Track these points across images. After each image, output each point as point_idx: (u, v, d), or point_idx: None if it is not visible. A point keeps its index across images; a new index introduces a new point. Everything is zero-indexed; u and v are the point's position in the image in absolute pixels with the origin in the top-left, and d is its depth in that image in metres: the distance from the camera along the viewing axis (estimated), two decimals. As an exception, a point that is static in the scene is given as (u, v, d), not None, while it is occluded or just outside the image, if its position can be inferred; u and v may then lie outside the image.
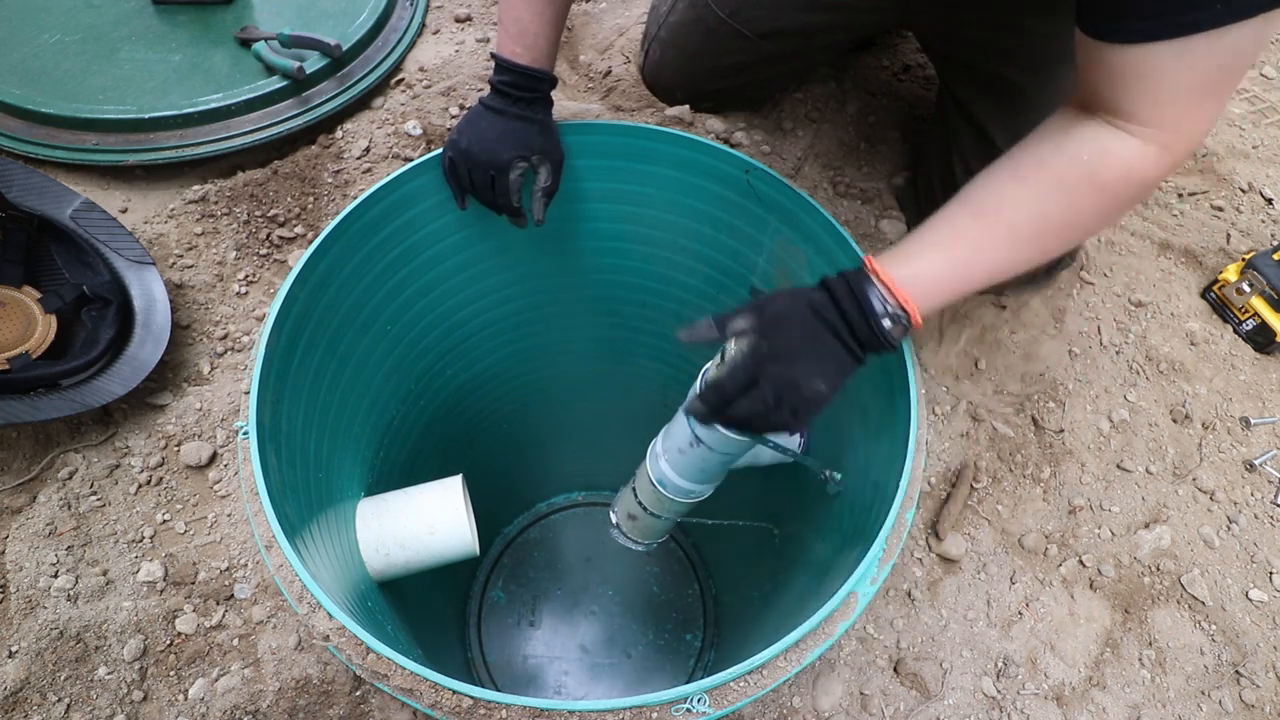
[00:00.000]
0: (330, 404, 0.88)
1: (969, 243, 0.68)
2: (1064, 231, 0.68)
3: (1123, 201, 0.67)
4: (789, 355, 0.66)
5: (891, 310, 0.67)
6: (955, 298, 0.69)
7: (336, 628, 0.60)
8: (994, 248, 0.68)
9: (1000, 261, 0.68)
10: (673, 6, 1.24)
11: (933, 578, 0.97)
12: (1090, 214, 0.67)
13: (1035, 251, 0.69)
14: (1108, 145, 0.65)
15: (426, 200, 0.92)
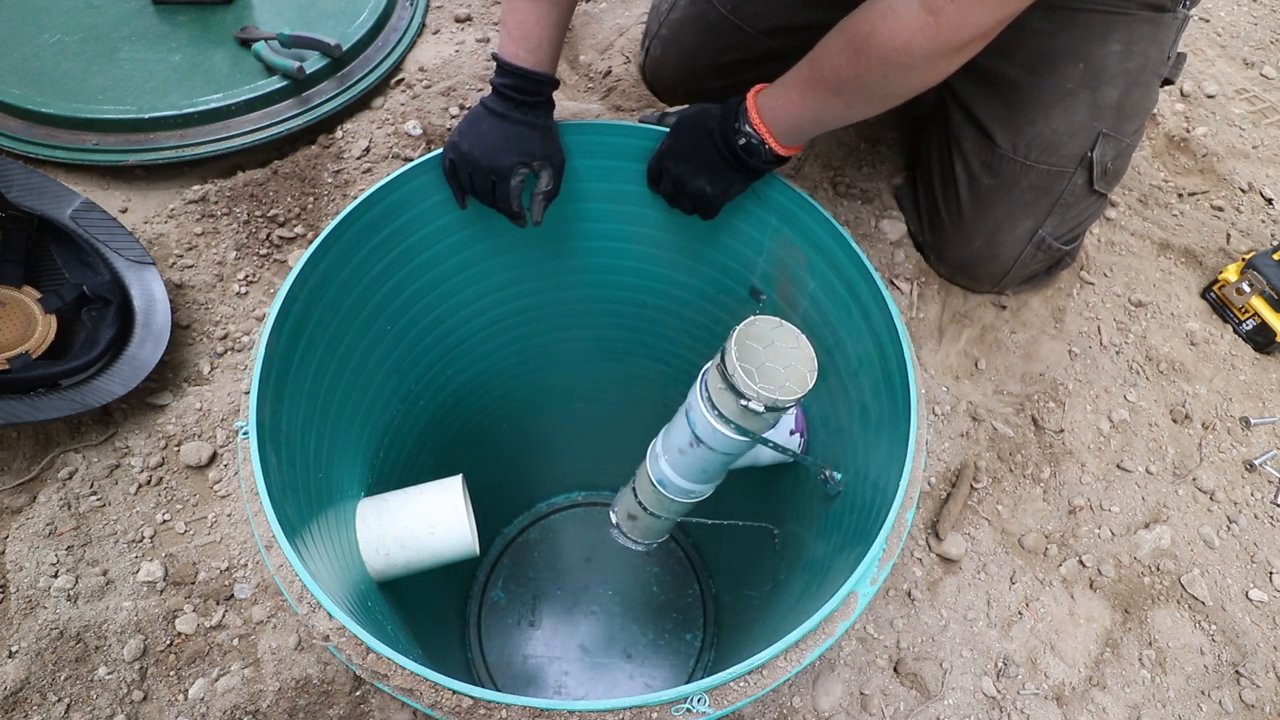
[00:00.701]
0: (330, 404, 0.88)
1: (801, 86, 0.79)
2: (857, 90, 0.74)
3: (896, 66, 0.70)
4: (679, 155, 0.85)
5: (748, 130, 0.81)
6: (801, 132, 0.81)
7: (336, 628, 0.60)
8: (812, 94, 0.77)
9: (819, 107, 0.78)
10: (674, 3, 1.24)
11: (933, 578, 0.97)
12: (869, 74, 0.72)
13: (842, 104, 0.76)
14: (893, 7, 0.68)
15: (426, 200, 0.92)
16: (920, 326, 1.16)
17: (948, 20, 0.66)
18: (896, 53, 0.69)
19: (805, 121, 0.80)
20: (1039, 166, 1.02)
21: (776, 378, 0.73)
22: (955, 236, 1.13)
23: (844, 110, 0.78)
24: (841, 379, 0.91)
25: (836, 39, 0.76)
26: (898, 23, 0.68)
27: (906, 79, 0.72)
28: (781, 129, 0.80)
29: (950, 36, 0.67)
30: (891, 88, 0.74)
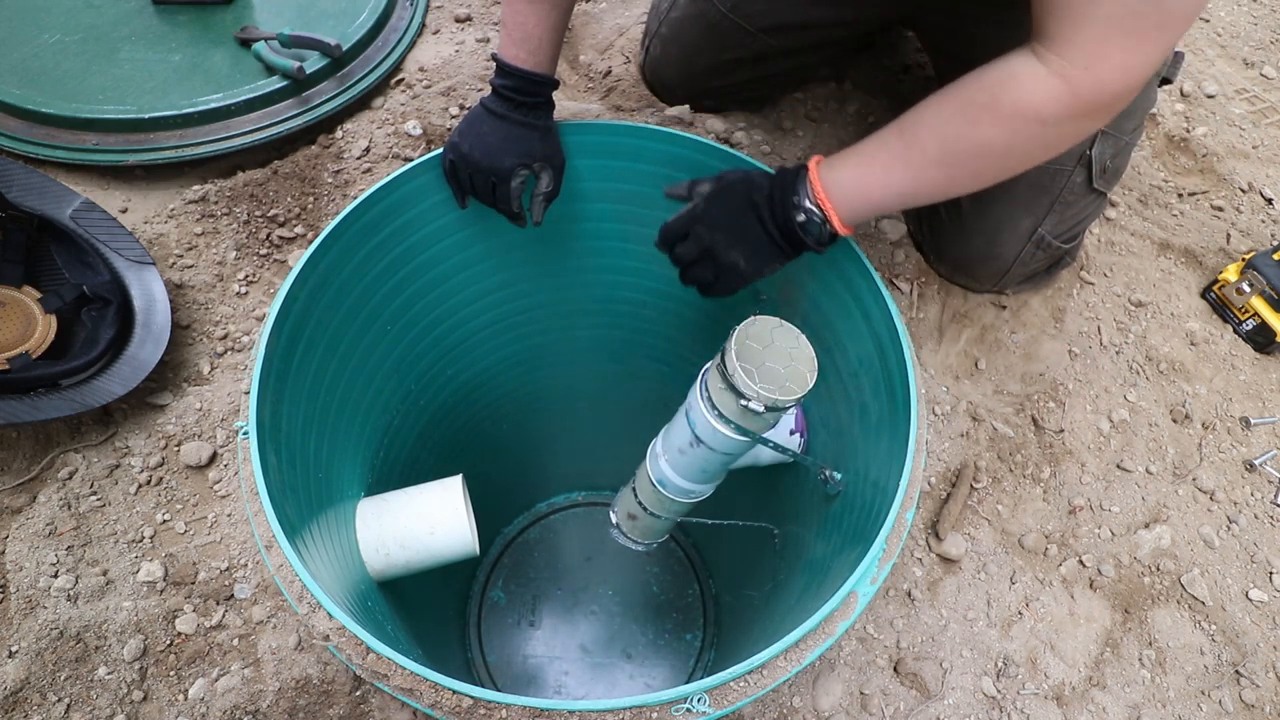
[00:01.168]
0: (330, 404, 0.88)
1: (886, 159, 0.71)
2: (970, 159, 0.67)
3: (1020, 134, 0.64)
4: (716, 223, 0.77)
5: (808, 206, 0.73)
6: (874, 208, 0.73)
7: (336, 628, 0.60)
8: (905, 166, 0.70)
9: (912, 181, 0.70)
10: (674, 2, 1.24)
11: (933, 578, 0.97)
12: (991, 143, 0.65)
13: (944, 176, 0.69)
14: (1017, 70, 0.63)
15: (426, 200, 0.92)
16: (920, 326, 1.16)
17: (1083, 85, 0.60)
18: (1027, 119, 0.63)
19: (890, 197, 0.72)
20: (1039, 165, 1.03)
21: (776, 378, 0.73)
22: (955, 235, 1.13)
23: (944, 184, 0.70)
24: (841, 379, 0.91)
25: (943, 107, 0.68)
26: (1025, 89, 0.63)
27: (1044, 142, 0.65)
28: (853, 206, 0.72)
29: (1089, 100, 0.61)
30: (1018, 155, 0.67)
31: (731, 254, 0.76)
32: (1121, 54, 0.59)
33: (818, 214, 0.73)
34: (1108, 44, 0.58)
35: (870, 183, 0.72)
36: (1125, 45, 0.58)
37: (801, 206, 0.73)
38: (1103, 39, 0.58)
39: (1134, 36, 0.58)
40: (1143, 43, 0.58)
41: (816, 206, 0.73)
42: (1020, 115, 0.63)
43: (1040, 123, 0.63)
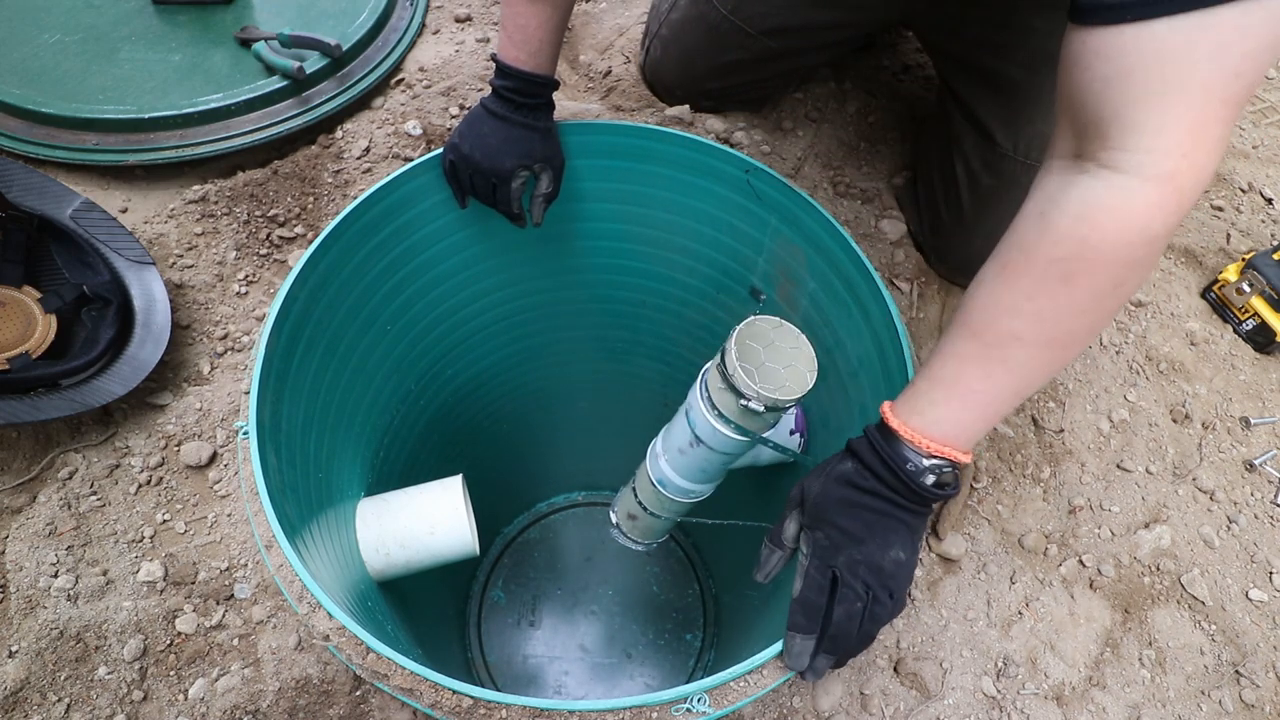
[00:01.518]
0: (330, 404, 0.88)
1: (976, 372, 0.58)
2: (1077, 322, 0.54)
3: (1133, 266, 0.52)
4: (854, 536, 0.60)
5: (927, 465, 0.60)
6: (989, 423, 0.60)
7: (336, 628, 0.60)
8: (1005, 368, 0.57)
9: (1020, 380, 0.57)
10: (674, 3, 1.24)
11: (933, 577, 0.97)
12: (1099, 292, 0.53)
13: (1054, 356, 0.56)
14: (1097, 200, 0.51)
15: (426, 200, 0.92)
16: (920, 326, 1.16)
17: (1186, 178, 0.48)
18: (1134, 245, 0.50)
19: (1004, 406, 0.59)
20: (1039, 166, 1.03)
21: (776, 378, 0.73)
22: (956, 236, 1.13)
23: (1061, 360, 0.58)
24: (841, 379, 0.91)
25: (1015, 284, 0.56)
26: (1118, 215, 0.50)
27: (1143, 273, 0.53)
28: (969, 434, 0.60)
29: (1193, 193, 0.49)
30: (1129, 287, 0.53)
31: (893, 553, 0.61)
32: (1220, 123, 0.47)
33: (945, 465, 0.60)
34: (1207, 119, 0.46)
35: (974, 402, 0.59)
36: (1222, 113, 0.47)
37: (921, 469, 0.60)
38: (1199, 114, 0.46)
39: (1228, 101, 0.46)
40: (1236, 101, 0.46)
41: (936, 458, 0.60)
42: (1126, 246, 0.50)
43: (1150, 243, 0.50)
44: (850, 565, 0.60)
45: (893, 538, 0.61)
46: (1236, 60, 0.44)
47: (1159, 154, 0.48)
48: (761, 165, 0.90)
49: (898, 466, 0.60)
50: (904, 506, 0.61)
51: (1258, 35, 0.43)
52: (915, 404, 0.61)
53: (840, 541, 0.61)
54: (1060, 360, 0.57)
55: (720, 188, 0.95)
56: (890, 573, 0.60)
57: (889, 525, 0.61)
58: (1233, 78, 0.45)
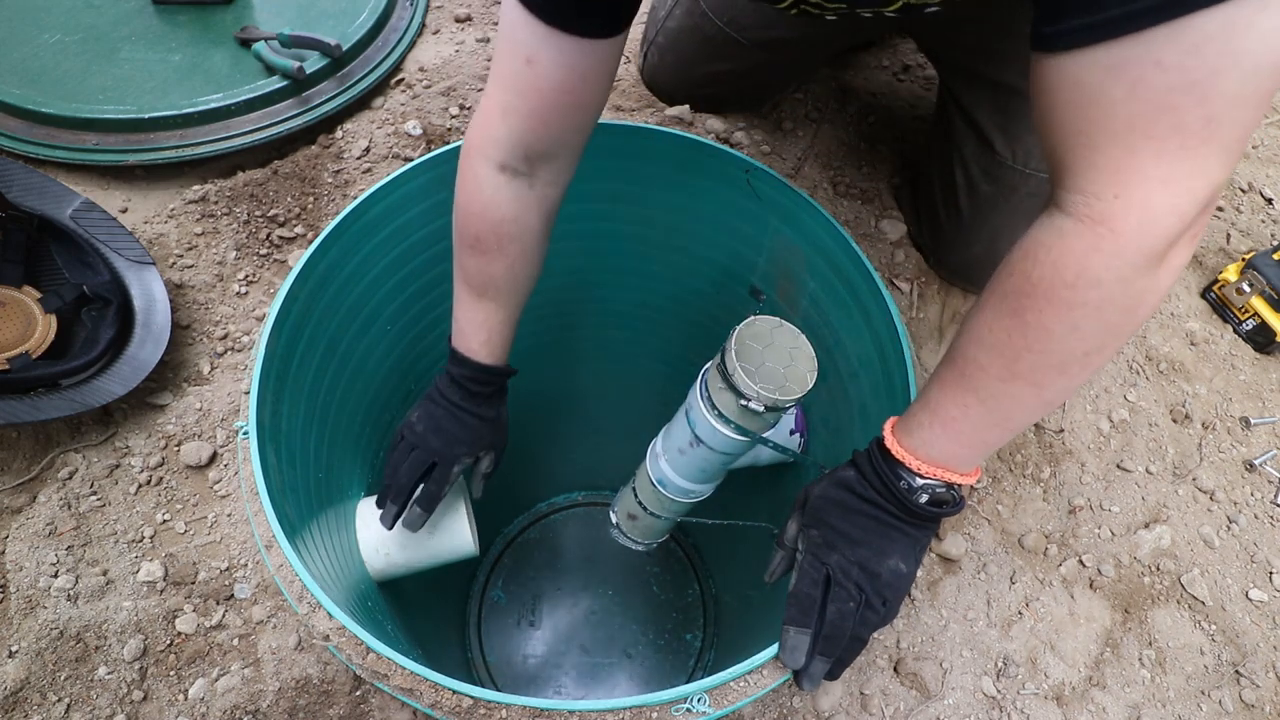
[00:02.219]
0: (330, 404, 0.88)
1: (954, 396, 0.58)
2: (1040, 359, 0.53)
3: (1079, 309, 0.49)
4: (851, 537, 0.61)
5: (920, 484, 0.60)
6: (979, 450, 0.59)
7: (336, 628, 0.60)
8: (976, 398, 0.57)
9: (997, 410, 0.56)
10: (670, 12, 1.24)
11: (933, 577, 0.97)
12: (1051, 330, 0.51)
13: (1028, 390, 0.55)
14: (1038, 236, 0.50)
15: (426, 200, 0.92)
16: (920, 326, 1.16)
17: (1122, 220, 0.46)
18: (1073, 286, 0.48)
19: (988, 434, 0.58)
20: (1038, 175, 1.02)
21: (776, 378, 0.73)
22: (954, 242, 1.13)
23: (1034, 397, 0.55)
24: (841, 379, 0.91)
25: (980, 314, 0.56)
26: (1053, 252, 0.49)
27: (1120, 306, 0.49)
28: (959, 459, 0.60)
29: (1140, 236, 0.46)
30: (1095, 333, 0.51)
31: (890, 562, 0.61)
32: (1163, 166, 0.44)
33: (939, 485, 0.60)
34: (1137, 157, 0.44)
35: (954, 430, 0.58)
36: (1164, 154, 0.43)
37: (915, 488, 0.60)
38: (1129, 152, 0.44)
39: (1173, 140, 0.43)
40: (1188, 146, 0.43)
41: (929, 479, 0.60)
42: (1063, 285, 0.49)
43: (1093, 285, 0.48)
44: (843, 565, 0.61)
45: (891, 547, 0.61)
46: (1161, 95, 0.41)
47: (1090, 195, 0.47)
48: (761, 165, 0.90)
49: (892, 483, 0.61)
50: (903, 519, 0.61)
51: (1185, 67, 0.40)
52: (909, 424, 0.61)
53: (834, 541, 0.62)
54: (1032, 396, 0.55)
55: (720, 188, 0.95)
56: (887, 581, 0.61)
57: (887, 534, 0.61)
58: (1164, 112, 0.42)
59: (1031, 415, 0.57)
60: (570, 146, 0.74)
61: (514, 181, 0.74)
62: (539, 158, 0.73)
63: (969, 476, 0.60)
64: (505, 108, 0.69)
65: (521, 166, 0.73)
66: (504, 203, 0.74)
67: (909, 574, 0.62)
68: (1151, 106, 0.42)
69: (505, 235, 0.76)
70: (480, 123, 0.72)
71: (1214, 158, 0.44)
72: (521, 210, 0.75)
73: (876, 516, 0.62)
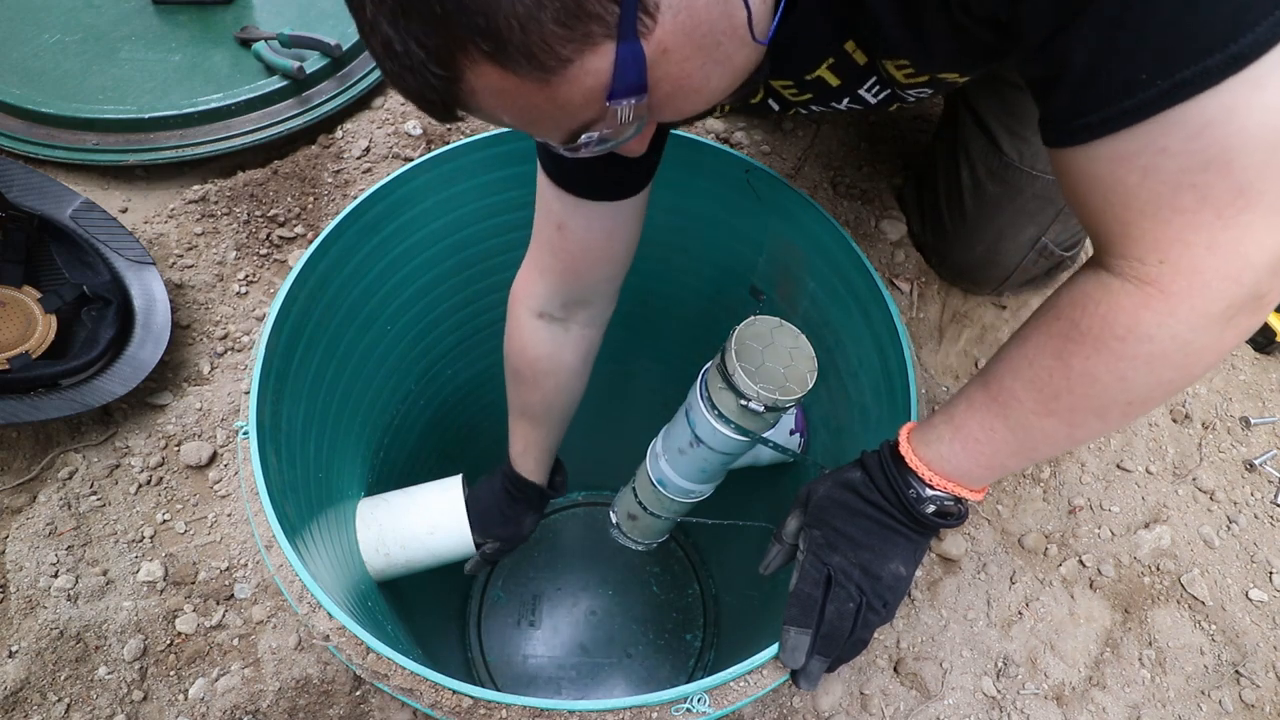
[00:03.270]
0: (330, 404, 0.88)
1: (982, 420, 0.59)
2: (1080, 399, 0.53)
3: (1126, 359, 0.50)
4: (853, 539, 0.62)
5: (929, 495, 0.61)
6: (994, 472, 0.60)
7: (336, 627, 0.60)
8: (1005, 425, 0.57)
9: (1023, 440, 0.57)
10: None
11: (933, 578, 0.97)
12: (1097, 376, 0.52)
13: (1060, 426, 0.55)
14: (1087, 289, 0.52)
15: (426, 200, 0.92)
16: (920, 326, 1.16)
17: (1171, 282, 0.47)
18: (1123, 339, 0.49)
19: (1007, 459, 0.59)
20: (1044, 176, 1.02)
21: (776, 378, 0.73)
22: (958, 242, 1.13)
23: (1065, 433, 0.56)
24: (841, 379, 0.91)
25: (1023, 345, 0.56)
26: (1103, 306, 0.50)
27: (1155, 371, 0.50)
28: (974, 477, 0.60)
29: (1192, 296, 0.46)
30: (1144, 384, 0.51)
31: (891, 566, 0.62)
32: (1203, 234, 0.45)
33: (948, 499, 0.61)
34: (1172, 228, 0.45)
35: (974, 450, 0.59)
36: (1199, 225, 0.45)
37: (923, 498, 0.61)
38: (1162, 225, 0.46)
39: (1205, 212, 0.44)
40: (1224, 216, 0.44)
41: (938, 491, 0.61)
42: (1114, 338, 0.50)
43: (1144, 340, 0.49)
44: (845, 567, 0.61)
45: (892, 550, 0.62)
46: (1174, 176, 0.43)
47: (1134, 260, 0.48)
48: (761, 165, 0.90)
49: (900, 490, 0.61)
50: (906, 525, 0.62)
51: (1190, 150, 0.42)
52: (927, 435, 0.61)
53: (836, 542, 0.62)
54: (1063, 434, 0.56)
55: (720, 188, 0.95)
56: (888, 584, 0.61)
57: (889, 538, 0.62)
58: (1185, 189, 0.44)
59: (1057, 450, 0.58)
60: (603, 293, 0.84)
61: (550, 326, 0.84)
62: (575, 305, 0.83)
63: (977, 493, 0.61)
64: (542, 267, 0.80)
65: (558, 313, 0.83)
66: (540, 343, 0.84)
67: (908, 577, 0.62)
68: (1169, 187, 0.44)
69: (541, 371, 0.86)
70: (523, 278, 0.83)
71: (1261, 221, 0.44)
72: (556, 349, 0.85)
73: (880, 520, 0.62)
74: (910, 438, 0.62)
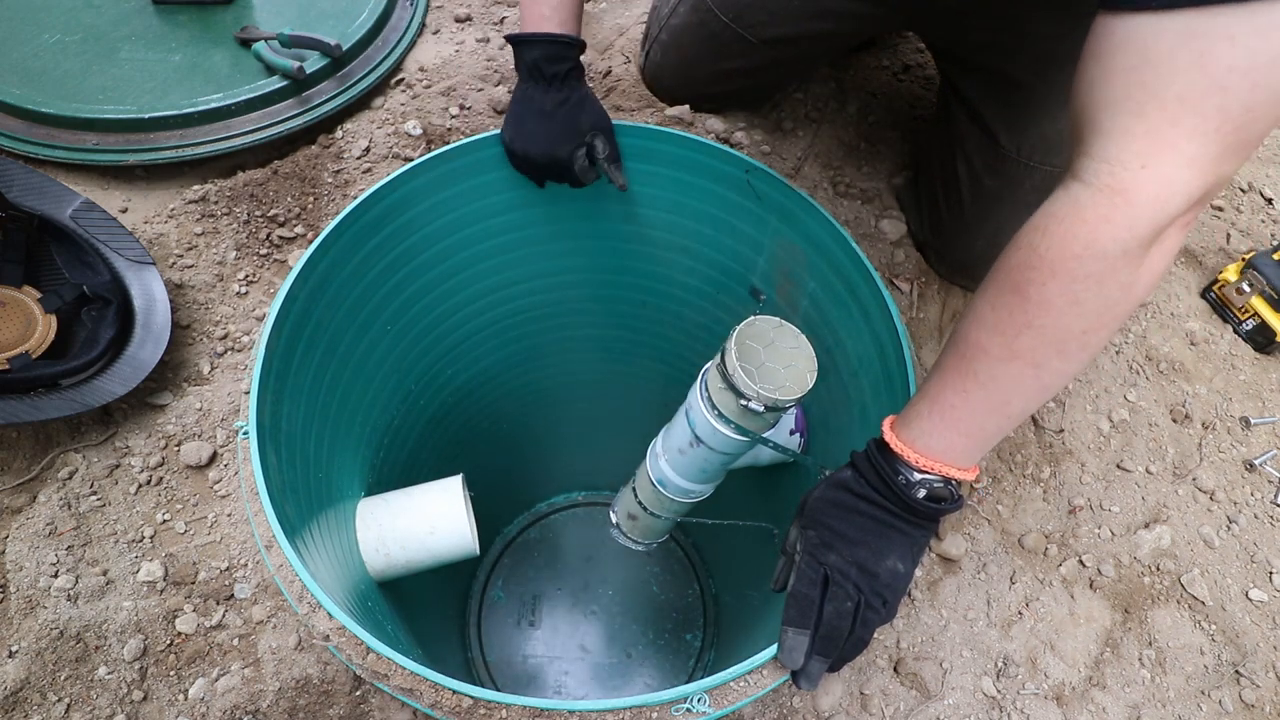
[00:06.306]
0: (330, 404, 0.88)
1: (954, 383, 0.58)
2: (1037, 337, 0.52)
3: (1086, 281, 0.49)
4: (848, 538, 0.61)
5: (918, 479, 0.60)
6: (979, 441, 0.59)
7: (336, 627, 0.60)
8: (976, 383, 0.56)
9: (996, 396, 0.56)
10: (674, 9, 1.24)
11: (933, 578, 0.97)
12: (1051, 303, 0.51)
13: (1027, 372, 0.54)
14: (1052, 208, 0.50)
15: (426, 200, 0.92)
16: (920, 326, 1.16)
17: (1141, 190, 0.46)
18: (1080, 257, 0.48)
19: (988, 422, 0.58)
20: (1042, 168, 1.02)
21: (776, 378, 0.73)
22: (957, 237, 1.13)
23: (1034, 380, 0.55)
24: (841, 379, 0.91)
25: (983, 291, 0.56)
26: (1066, 221, 0.49)
27: (1104, 291, 0.49)
28: (958, 452, 0.59)
29: (1154, 209, 0.46)
30: (1088, 316, 0.51)
31: (888, 562, 0.60)
32: (1194, 145, 0.44)
33: (936, 480, 0.60)
34: (1176, 129, 0.44)
35: (952, 419, 0.58)
36: (1201, 133, 0.44)
37: (912, 483, 0.60)
38: (1171, 123, 0.44)
39: (1213, 120, 0.43)
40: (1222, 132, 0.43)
41: (926, 473, 0.60)
42: (1072, 259, 0.49)
43: (1099, 257, 0.48)
44: (841, 565, 0.61)
45: (889, 546, 0.61)
46: (1222, 72, 0.42)
47: (1115, 163, 0.47)
48: (761, 165, 0.90)
49: (889, 479, 0.60)
50: (901, 517, 0.61)
51: (1251, 47, 0.41)
52: (908, 417, 0.61)
53: (831, 541, 0.62)
54: (1030, 378, 0.55)
55: (720, 188, 0.95)
56: (886, 581, 0.60)
57: (885, 533, 0.61)
58: (1216, 90, 0.42)
59: (1029, 401, 0.57)
60: None
61: None
62: None
63: (967, 473, 0.60)
64: None
65: None
66: None
67: (907, 573, 0.61)
68: (1209, 81, 0.43)
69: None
70: None
71: (1234, 151, 0.45)
72: None
73: (874, 515, 0.61)
74: (893, 425, 0.62)
